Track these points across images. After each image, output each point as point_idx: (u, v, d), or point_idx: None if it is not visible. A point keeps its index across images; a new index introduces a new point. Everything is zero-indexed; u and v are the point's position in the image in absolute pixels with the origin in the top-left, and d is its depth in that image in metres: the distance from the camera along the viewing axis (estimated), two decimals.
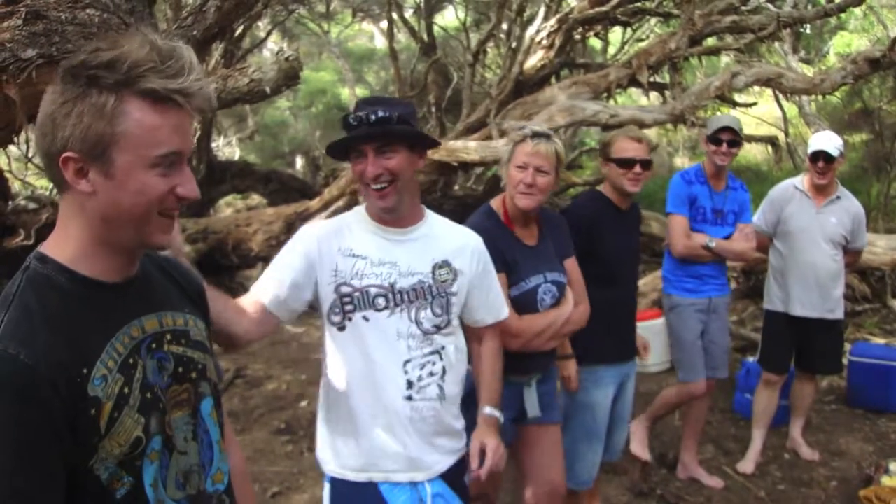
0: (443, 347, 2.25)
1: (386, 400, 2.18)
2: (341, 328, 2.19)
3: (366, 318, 2.16)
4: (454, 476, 2.34)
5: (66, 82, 1.23)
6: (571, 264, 3.09)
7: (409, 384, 2.19)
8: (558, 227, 3.09)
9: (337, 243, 2.17)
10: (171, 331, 1.40)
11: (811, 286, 4.53)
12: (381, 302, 2.16)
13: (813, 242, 4.52)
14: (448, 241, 2.32)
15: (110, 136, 1.22)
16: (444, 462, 2.31)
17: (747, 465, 4.72)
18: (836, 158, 4.46)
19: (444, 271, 2.25)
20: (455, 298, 2.28)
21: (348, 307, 2.16)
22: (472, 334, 2.48)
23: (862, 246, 4.82)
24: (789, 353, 4.76)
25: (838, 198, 4.60)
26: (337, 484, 2.26)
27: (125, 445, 1.26)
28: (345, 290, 2.15)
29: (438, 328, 2.24)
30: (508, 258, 2.81)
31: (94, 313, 1.29)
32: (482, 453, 2.32)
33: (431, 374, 2.22)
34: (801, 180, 4.67)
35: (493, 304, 2.47)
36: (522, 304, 2.84)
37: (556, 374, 3.22)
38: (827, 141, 4.48)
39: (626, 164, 3.37)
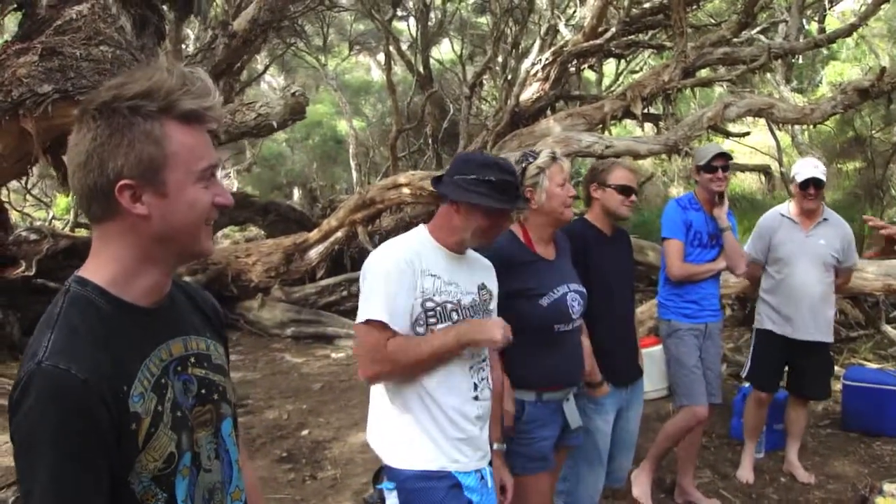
0: (486, 357, 2.60)
1: (462, 400, 2.48)
2: None
3: None
4: None
5: (105, 117, 1.31)
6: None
7: (475, 386, 2.51)
8: (566, 248, 3.25)
9: (420, 264, 2.42)
10: (194, 354, 1.49)
11: (803, 309, 4.62)
12: (454, 315, 2.46)
13: (803, 267, 4.62)
14: (482, 266, 2.68)
15: (162, 158, 1.32)
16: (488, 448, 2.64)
17: (745, 472, 4.89)
18: (824, 183, 4.62)
19: (484, 292, 2.61)
20: (493, 315, 2.63)
21: (432, 319, 2.42)
22: None
23: (853, 264, 4.88)
24: (779, 372, 4.85)
25: (825, 220, 4.71)
26: (410, 477, 2.44)
27: (160, 461, 1.34)
28: (429, 304, 2.42)
29: None
30: (529, 273, 3.00)
31: (130, 335, 1.36)
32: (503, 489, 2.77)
33: (483, 378, 2.56)
34: (787, 207, 4.80)
35: None
36: (554, 311, 2.99)
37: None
38: (814, 168, 4.62)
39: (626, 191, 3.49)
